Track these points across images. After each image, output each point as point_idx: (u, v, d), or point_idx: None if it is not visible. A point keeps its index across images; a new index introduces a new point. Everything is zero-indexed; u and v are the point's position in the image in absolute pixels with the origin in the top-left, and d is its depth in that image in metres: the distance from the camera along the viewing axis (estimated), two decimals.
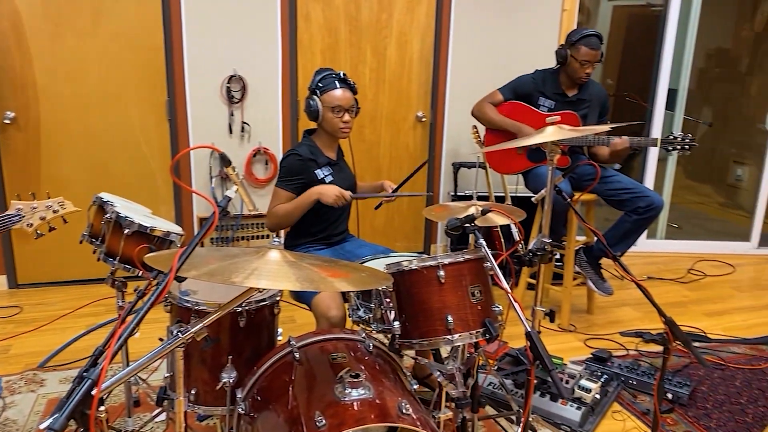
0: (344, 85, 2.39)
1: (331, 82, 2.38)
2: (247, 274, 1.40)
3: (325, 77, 2.40)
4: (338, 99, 2.36)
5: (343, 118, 2.38)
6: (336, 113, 2.37)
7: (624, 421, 2.48)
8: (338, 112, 2.38)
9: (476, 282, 1.71)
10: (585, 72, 3.09)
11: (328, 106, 2.37)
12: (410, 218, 4.26)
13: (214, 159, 3.74)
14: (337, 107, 2.37)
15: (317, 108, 2.37)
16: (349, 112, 2.40)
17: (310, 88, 2.42)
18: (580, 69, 3.09)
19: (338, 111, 2.37)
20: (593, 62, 3.07)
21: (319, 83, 2.38)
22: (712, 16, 4.76)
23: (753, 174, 5.15)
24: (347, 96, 2.39)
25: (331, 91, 2.36)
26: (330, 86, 2.37)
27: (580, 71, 3.10)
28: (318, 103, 2.37)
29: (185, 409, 1.78)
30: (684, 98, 4.75)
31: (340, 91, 2.37)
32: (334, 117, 2.38)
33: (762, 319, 3.56)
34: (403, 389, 1.74)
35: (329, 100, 2.36)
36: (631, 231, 3.12)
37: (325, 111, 2.37)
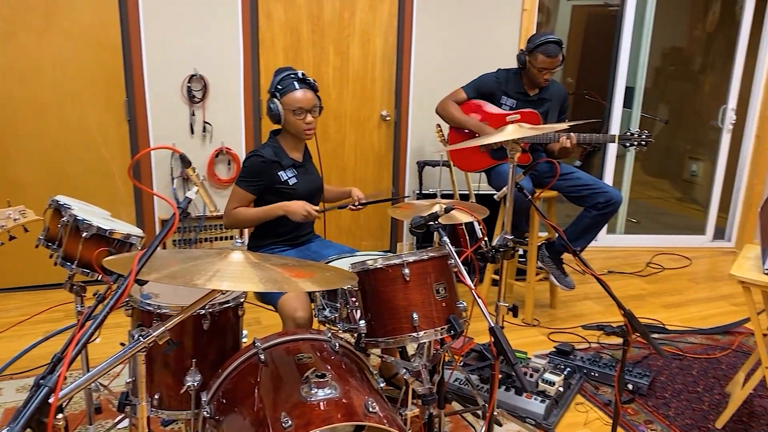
0: (304, 85, 2.35)
1: (290, 83, 2.33)
2: (210, 276, 1.39)
3: (284, 78, 2.35)
4: (299, 100, 2.32)
5: (305, 119, 2.35)
6: (297, 115, 2.34)
7: (587, 413, 2.54)
8: (300, 114, 2.34)
9: (441, 279, 1.73)
10: (543, 78, 3.15)
11: (289, 109, 2.33)
12: (376, 217, 4.26)
13: (175, 160, 3.68)
14: (298, 109, 2.33)
15: (278, 111, 2.34)
16: (312, 112, 2.36)
17: (270, 91, 2.38)
18: (539, 75, 3.14)
19: (299, 113, 2.34)
20: (550, 69, 3.12)
21: (278, 85, 2.34)
22: (667, 15, 4.89)
23: (707, 169, 5.32)
24: (308, 96, 2.34)
25: (291, 92, 2.32)
26: (289, 87, 2.32)
27: (538, 77, 3.15)
28: (279, 106, 2.33)
29: (148, 415, 1.76)
30: (641, 96, 4.86)
31: (301, 92, 2.33)
32: (296, 119, 2.34)
33: (717, 310, 3.68)
34: (370, 388, 1.74)
35: (290, 102, 2.32)
36: (591, 226, 3.19)
37: (287, 113, 2.34)
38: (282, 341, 1.86)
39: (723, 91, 4.81)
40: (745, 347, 3.18)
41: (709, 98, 5.54)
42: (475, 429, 2.36)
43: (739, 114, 4.77)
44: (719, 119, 4.83)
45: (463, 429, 2.38)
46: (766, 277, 2.22)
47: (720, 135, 4.86)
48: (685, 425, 2.47)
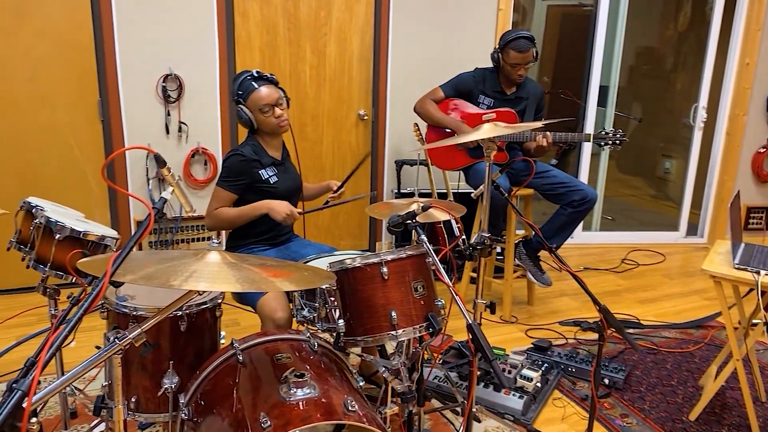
0: (262, 81, 2.34)
1: (248, 84, 2.32)
2: (186, 276, 1.38)
3: (242, 82, 2.34)
4: (262, 98, 2.31)
5: (274, 114, 2.34)
6: (265, 113, 2.33)
7: (564, 408, 2.57)
8: (267, 111, 2.33)
9: (419, 277, 1.73)
10: (517, 74, 3.18)
11: (255, 109, 2.32)
12: (355, 216, 4.26)
13: (151, 160, 3.64)
14: (264, 106, 2.32)
15: (248, 116, 2.33)
16: (279, 105, 2.35)
17: (233, 100, 2.37)
18: (512, 71, 3.17)
19: (267, 110, 2.32)
20: (524, 64, 3.15)
21: (239, 90, 2.33)
22: (640, 15, 4.97)
23: (680, 166, 5.41)
24: (269, 91, 2.33)
25: (253, 92, 2.31)
26: (249, 89, 2.31)
27: (512, 73, 3.18)
28: (246, 111, 2.32)
29: (125, 418, 1.73)
30: (615, 95, 4.94)
31: (262, 90, 2.31)
32: (265, 117, 2.34)
33: (690, 305, 3.75)
34: (349, 387, 1.74)
35: (254, 102, 2.31)
36: (567, 223, 3.22)
37: (256, 114, 2.33)
38: (260, 341, 1.86)
39: (695, 89, 4.91)
40: (718, 341, 3.25)
41: (681, 97, 5.64)
42: (455, 426, 2.37)
43: (710, 112, 4.87)
44: (691, 117, 4.92)
45: (443, 426, 2.39)
46: (737, 271, 2.26)
47: (692, 133, 4.95)
48: (660, 418, 2.51)
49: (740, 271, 2.26)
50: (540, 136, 3.09)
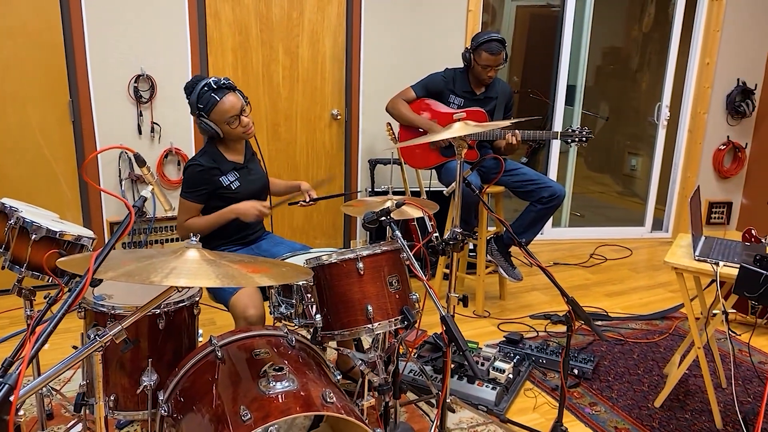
0: (223, 91, 2.27)
1: (208, 97, 2.25)
2: (166, 273, 1.41)
3: (201, 94, 2.26)
4: (227, 111, 2.27)
5: (241, 123, 2.32)
6: (232, 125, 2.30)
7: (536, 398, 2.65)
8: (233, 122, 2.30)
9: (394, 272, 1.79)
10: (488, 75, 3.25)
11: (221, 121, 2.28)
12: (329, 215, 4.30)
13: (124, 161, 3.62)
14: (230, 118, 2.28)
15: (213, 128, 2.28)
16: (243, 114, 2.32)
17: (193, 113, 2.30)
18: (483, 72, 3.25)
19: (233, 120, 2.29)
20: (494, 66, 3.23)
21: (199, 104, 2.26)
22: (605, 16, 5.10)
23: (645, 164, 5.57)
24: (233, 101, 2.28)
25: (215, 106, 2.25)
26: (211, 102, 2.25)
27: (483, 74, 3.25)
28: (210, 124, 2.28)
29: (105, 415, 1.75)
30: (582, 94, 5.06)
31: (225, 102, 2.26)
32: (231, 129, 2.31)
33: (656, 297, 3.87)
34: (327, 380, 1.78)
35: (219, 115, 2.27)
36: (536, 219, 3.31)
37: (221, 126, 2.29)
38: (239, 338, 1.88)
39: (659, 88, 5.06)
40: (681, 331, 3.37)
41: (646, 96, 5.80)
42: (430, 417, 2.43)
43: (673, 110, 5.02)
44: (655, 115, 5.06)
45: (418, 418, 2.45)
46: (697, 263, 2.37)
47: (656, 131, 5.10)
48: (627, 405, 2.61)
49: (701, 263, 2.36)
50: (509, 135, 3.17)
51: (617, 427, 2.46)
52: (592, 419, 2.50)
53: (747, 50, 4.85)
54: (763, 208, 4.93)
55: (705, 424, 2.49)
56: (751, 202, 5.11)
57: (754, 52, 4.87)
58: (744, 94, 4.86)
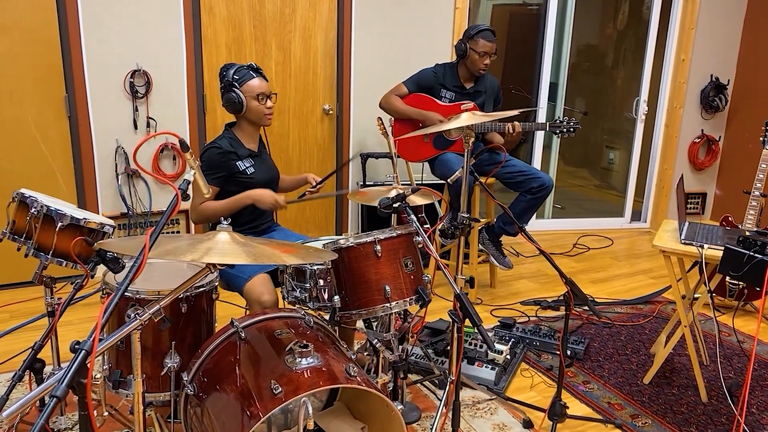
0: (259, 74, 2.48)
1: (246, 73, 2.45)
2: (203, 252, 1.49)
3: (238, 70, 2.45)
4: (260, 87, 2.44)
5: (267, 104, 2.47)
6: (261, 101, 2.45)
7: (532, 378, 2.77)
8: (263, 100, 2.46)
9: (408, 254, 1.89)
10: (483, 63, 3.37)
11: (251, 96, 2.43)
12: (321, 208, 4.38)
13: (120, 156, 3.65)
14: (261, 95, 2.45)
15: (241, 100, 2.43)
16: (270, 98, 2.49)
17: (226, 83, 2.44)
18: (479, 60, 3.36)
19: (262, 98, 2.45)
20: (490, 54, 3.35)
21: (235, 75, 2.43)
22: (581, 15, 5.26)
23: (623, 157, 5.76)
24: (265, 84, 2.48)
25: (250, 81, 2.43)
26: (247, 77, 2.44)
27: (479, 62, 3.37)
28: (241, 95, 2.42)
29: (127, 396, 1.80)
30: (564, 91, 5.22)
31: (259, 80, 2.45)
32: (259, 105, 2.45)
33: (638, 283, 4.04)
34: (347, 357, 1.88)
35: (251, 89, 2.43)
36: (526, 209, 3.44)
37: (249, 100, 2.43)
38: (259, 320, 1.97)
39: (635, 84, 5.24)
40: (664, 314, 3.54)
41: (622, 91, 5.99)
42: (437, 395, 2.54)
43: (650, 105, 5.21)
44: (633, 110, 5.25)
45: (422, 398, 2.55)
46: (683, 246, 2.51)
47: (634, 125, 5.28)
48: (618, 383, 2.75)
49: (686, 246, 2.51)
50: (509, 126, 3.30)
51: (610, 403, 2.59)
52: (586, 396, 2.64)
53: (720, 47, 5.06)
54: (736, 197, 5.15)
55: (691, 398, 2.65)
56: (724, 192, 5.34)
57: (727, 49, 5.09)
58: (717, 90, 5.07)
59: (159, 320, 1.50)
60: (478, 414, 2.45)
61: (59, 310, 1.81)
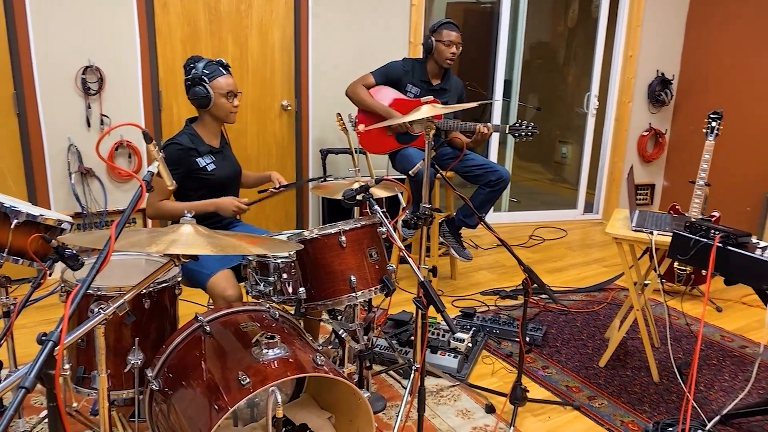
0: (228, 71, 2.47)
1: (216, 69, 2.43)
2: (167, 244, 1.48)
3: (208, 65, 2.43)
4: (230, 85, 2.43)
5: (234, 102, 2.46)
6: (229, 98, 2.44)
7: (493, 364, 2.84)
8: (230, 98, 2.44)
9: (373, 244, 1.92)
10: (450, 52, 3.42)
11: (220, 93, 2.41)
12: (282, 204, 4.36)
13: (73, 154, 3.56)
14: (230, 93, 2.43)
15: (209, 95, 2.40)
16: (237, 96, 2.48)
17: (194, 77, 2.42)
18: (446, 50, 3.41)
19: (230, 96, 2.44)
20: (456, 43, 3.41)
21: (205, 70, 2.41)
22: (533, 13, 5.39)
23: (575, 151, 5.93)
24: (233, 82, 2.47)
25: (220, 77, 2.41)
26: (217, 73, 2.42)
27: (446, 51, 3.41)
28: (209, 90, 2.40)
29: (89, 397, 1.77)
30: (518, 88, 5.33)
31: (228, 78, 2.44)
32: (226, 102, 2.44)
33: (591, 272, 4.18)
34: (312, 348, 1.90)
35: (220, 86, 2.41)
36: (485, 201, 3.51)
37: (217, 97, 2.41)
38: (223, 314, 1.97)
39: (586, 80, 5.40)
40: (617, 300, 3.67)
41: (573, 88, 6.17)
42: (402, 384, 2.58)
43: (600, 100, 5.38)
44: (584, 105, 5.40)
45: (387, 388, 2.59)
46: (634, 233, 2.62)
47: (585, 120, 5.44)
48: (575, 367, 2.85)
49: (637, 233, 2.62)
50: (481, 126, 3.36)
51: (568, 386, 2.68)
52: (545, 380, 2.72)
53: (665, 44, 5.26)
54: (682, 188, 5.37)
55: (644, 378, 2.76)
56: (671, 183, 5.56)
57: (671, 46, 5.29)
58: (663, 84, 5.27)
59: (123, 315, 1.49)
60: (442, 401, 2.50)
61: (16, 310, 1.77)
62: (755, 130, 4.75)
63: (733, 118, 4.79)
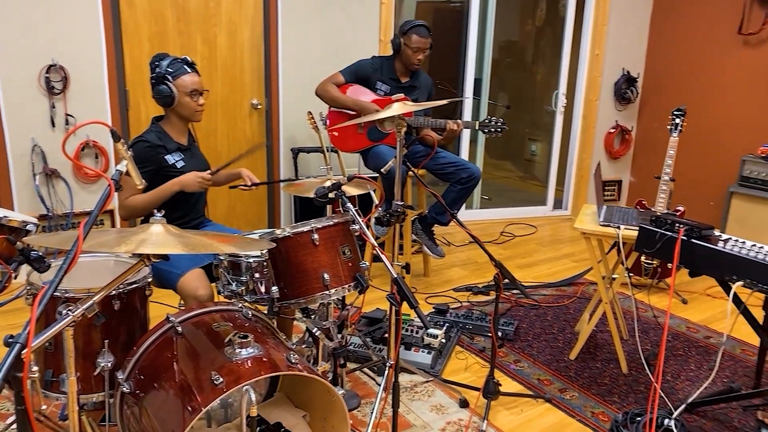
0: (193, 69, 2.44)
1: (180, 67, 2.40)
2: (137, 244, 1.47)
3: (173, 63, 2.40)
4: (194, 83, 2.40)
5: (199, 101, 2.43)
6: (193, 97, 2.41)
7: (466, 359, 2.87)
8: (195, 96, 2.42)
9: (345, 242, 1.92)
10: (417, 58, 3.44)
11: (184, 91, 2.38)
12: (253, 203, 4.33)
13: (37, 155, 3.48)
14: (194, 92, 2.41)
15: (173, 94, 2.37)
16: (202, 95, 2.45)
17: (158, 75, 2.39)
18: (413, 55, 3.43)
19: (195, 95, 2.41)
20: (424, 49, 3.43)
21: (169, 68, 2.38)
22: (503, 12, 5.44)
23: (544, 149, 6.01)
24: (198, 80, 2.44)
25: (183, 76, 2.39)
26: (181, 71, 2.39)
27: (413, 57, 3.44)
28: (173, 89, 2.37)
29: (58, 402, 1.74)
30: (488, 86, 5.38)
31: (193, 76, 2.41)
32: (191, 101, 2.41)
33: (561, 267, 4.24)
34: (286, 347, 1.89)
35: (185, 85, 2.38)
36: (456, 199, 3.55)
37: (181, 96, 2.39)
38: (196, 314, 1.95)
39: (554, 79, 5.47)
40: (586, 294, 3.74)
41: (541, 86, 6.25)
42: (376, 381, 2.59)
43: (568, 98, 5.46)
44: (552, 103, 5.48)
45: (362, 385, 2.59)
46: (602, 227, 2.67)
47: (554, 117, 5.52)
48: (546, 360, 2.89)
49: (605, 227, 2.67)
50: (452, 122, 3.38)
51: (540, 379, 2.73)
52: (517, 374, 2.76)
53: (630, 42, 5.36)
54: (648, 183, 5.48)
55: (613, 370, 2.82)
56: (637, 179, 5.67)
57: (636, 44, 5.40)
58: (629, 82, 5.37)
59: (92, 316, 1.47)
60: (417, 397, 2.51)
61: None
62: (718, 127, 4.88)
63: (697, 115, 4.91)
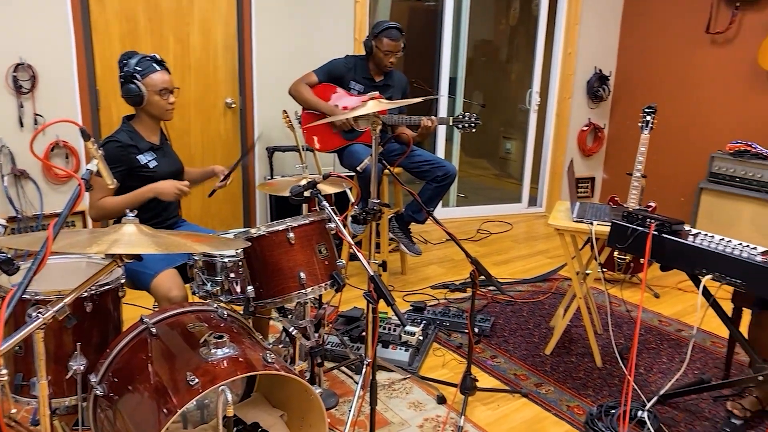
0: (163, 67, 2.40)
1: (149, 65, 2.36)
2: (109, 244, 1.45)
3: (141, 61, 2.36)
4: (163, 82, 2.37)
5: (169, 100, 2.40)
6: (163, 96, 2.38)
7: (444, 356, 2.89)
8: (165, 95, 2.38)
9: (322, 240, 1.91)
10: (389, 60, 3.45)
11: (153, 90, 2.35)
12: (228, 203, 4.30)
13: (5, 156, 3.41)
14: (163, 90, 2.37)
15: (142, 93, 2.34)
16: (173, 93, 2.42)
17: (126, 74, 2.35)
18: (384, 58, 3.44)
19: (165, 93, 2.38)
20: (395, 52, 3.44)
21: (137, 66, 2.34)
22: (477, 11, 5.48)
23: (519, 147, 6.06)
24: (168, 78, 2.40)
25: (152, 74, 2.35)
26: (150, 70, 2.35)
27: (384, 60, 3.45)
28: (142, 88, 2.34)
29: (29, 406, 1.71)
30: (462, 84, 5.41)
31: (162, 74, 2.38)
32: (160, 100, 2.38)
33: (536, 263, 4.29)
34: (262, 346, 1.88)
35: (154, 83, 2.35)
36: (432, 197, 3.56)
37: (151, 95, 2.36)
38: (170, 315, 1.92)
39: (527, 77, 5.53)
40: (561, 290, 3.78)
41: (516, 84, 6.30)
42: (354, 379, 2.59)
43: (542, 97, 5.52)
44: (527, 101, 5.53)
45: (339, 384, 2.59)
46: (575, 224, 2.71)
47: (528, 116, 5.57)
48: (522, 355, 2.92)
49: (578, 223, 2.70)
50: (425, 119, 3.39)
51: (516, 374, 2.75)
52: (494, 369, 2.79)
53: (602, 41, 5.44)
54: (621, 180, 5.57)
55: (588, 364, 2.86)
56: (610, 176, 5.76)
57: (608, 43, 5.48)
58: (601, 81, 5.45)
59: (63, 318, 1.45)
60: (394, 394, 2.52)
61: None
62: (688, 124, 4.98)
63: (668, 112, 5.00)
